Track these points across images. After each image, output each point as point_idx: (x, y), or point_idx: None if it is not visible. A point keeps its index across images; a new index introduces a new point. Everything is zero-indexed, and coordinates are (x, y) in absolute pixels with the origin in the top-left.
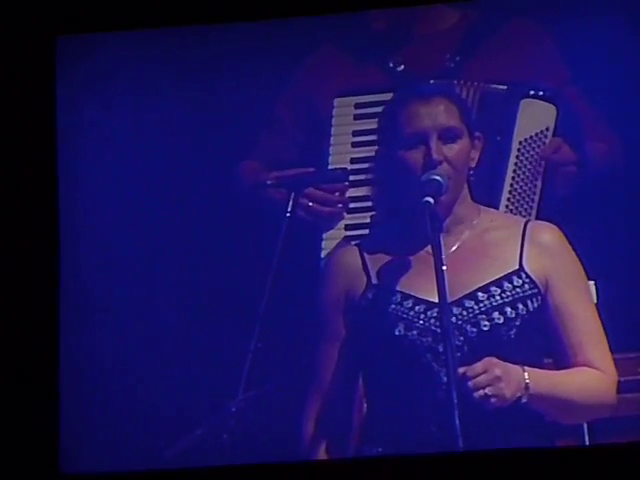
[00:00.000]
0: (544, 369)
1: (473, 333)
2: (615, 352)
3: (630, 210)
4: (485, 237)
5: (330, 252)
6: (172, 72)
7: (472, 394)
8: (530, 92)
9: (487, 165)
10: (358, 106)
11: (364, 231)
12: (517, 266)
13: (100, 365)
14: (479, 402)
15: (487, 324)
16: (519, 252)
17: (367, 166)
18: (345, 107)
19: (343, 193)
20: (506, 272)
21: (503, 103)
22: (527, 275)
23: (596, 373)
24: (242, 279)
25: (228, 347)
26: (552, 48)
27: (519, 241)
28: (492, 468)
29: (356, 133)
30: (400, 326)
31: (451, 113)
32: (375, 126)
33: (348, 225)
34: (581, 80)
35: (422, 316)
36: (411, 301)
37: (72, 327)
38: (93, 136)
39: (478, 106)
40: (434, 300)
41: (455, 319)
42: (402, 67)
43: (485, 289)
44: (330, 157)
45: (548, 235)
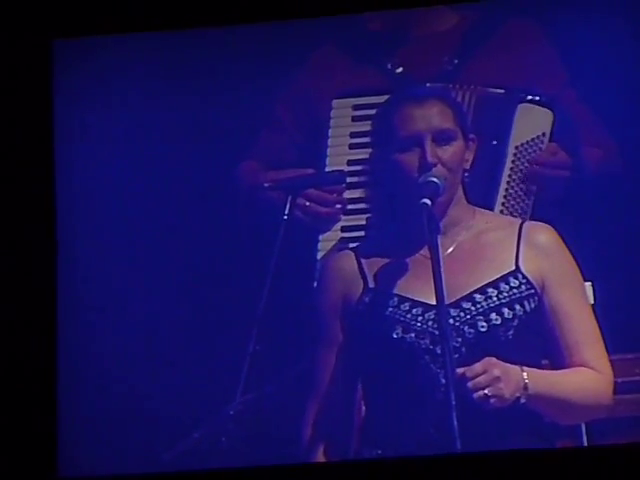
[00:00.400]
0: (541, 369)
1: (471, 334)
2: (612, 353)
3: (626, 212)
4: (481, 239)
5: (326, 254)
6: (170, 75)
7: (471, 395)
8: (527, 97)
9: (483, 169)
10: (356, 108)
11: (360, 233)
12: (513, 267)
13: (98, 368)
14: (478, 403)
15: (485, 325)
16: (515, 253)
17: (364, 168)
18: (343, 109)
19: (340, 195)
20: (502, 273)
21: (500, 107)
22: (523, 276)
23: (593, 373)
24: (240, 282)
25: (226, 350)
26: (550, 51)
27: (515, 242)
28: (490, 469)
29: (354, 135)
30: (398, 329)
31: (445, 115)
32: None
33: (345, 227)
34: (579, 83)
35: (420, 318)
36: (408, 304)
37: (70, 331)
38: (91, 139)
39: (475, 109)
40: (431, 302)
41: (453, 321)
42: (400, 69)
43: (482, 290)
44: (327, 159)
45: (543, 236)
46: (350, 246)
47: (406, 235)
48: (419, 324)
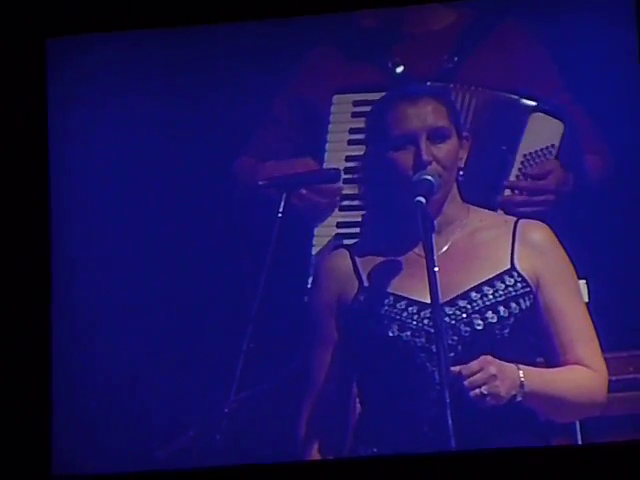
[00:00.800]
0: (536, 367)
1: (467, 332)
2: (606, 351)
3: (621, 211)
4: (475, 237)
5: (321, 251)
6: (165, 73)
7: (466, 393)
8: (541, 106)
9: (489, 172)
10: (356, 104)
11: (356, 229)
12: (509, 265)
13: (92, 367)
14: (474, 401)
15: (481, 323)
16: (510, 251)
17: (361, 165)
18: (343, 104)
19: (335, 192)
20: (498, 272)
21: (513, 113)
22: (519, 274)
23: (587, 371)
24: (234, 280)
25: (220, 348)
26: (546, 52)
27: (510, 240)
28: (485, 467)
29: (353, 131)
30: (394, 327)
31: (439, 113)
32: None
33: (340, 223)
34: (573, 85)
35: (415, 317)
36: (404, 302)
37: (64, 329)
38: (85, 137)
39: (487, 112)
40: (427, 301)
41: (449, 319)
42: (401, 68)
43: (478, 289)
44: (326, 154)
45: (538, 234)
46: (345, 243)
47: (401, 233)
48: (415, 322)
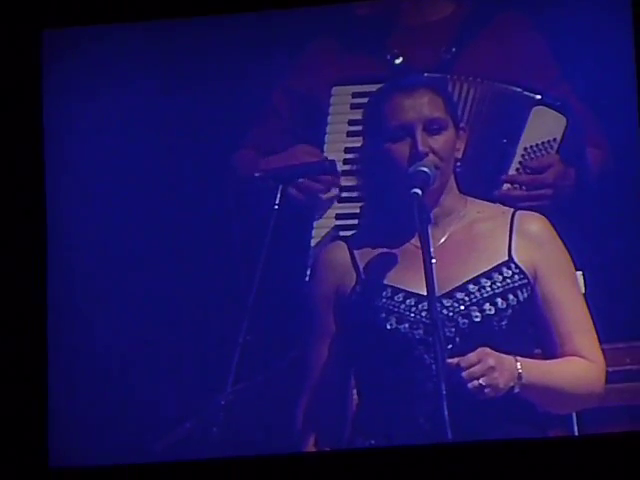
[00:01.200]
0: (534, 359)
1: (465, 324)
2: (603, 342)
3: (618, 203)
4: (473, 229)
5: (320, 242)
6: (163, 64)
7: (464, 384)
8: (544, 99)
9: (489, 164)
10: (355, 95)
11: (354, 221)
12: (506, 257)
13: (89, 359)
14: (472, 392)
15: (478, 315)
16: (508, 243)
17: (360, 156)
18: (342, 96)
19: (332, 184)
20: (496, 263)
21: (515, 106)
22: (516, 266)
23: (585, 363)
24: (231, 272)
25: (217, 340)
26: (544, 42)
27: (507, 232)
28: (481, 459)
29: (352, 122)
30: (392, 319)
31: (435, 104)
32: None
33: (339, 214)
34: (572, 75)
35: (413, 309)
36: (402, 295)
37: (60, 321)
38: (81, 130)
39: (489, 104)
40: (425, 293)
41: (446, 311)
42: (400, 59)
43: (475, 281)
44: (325, 145)
45: (536, 225)
46: (343, 234)
47: (398, 225)
48: (413, 314)
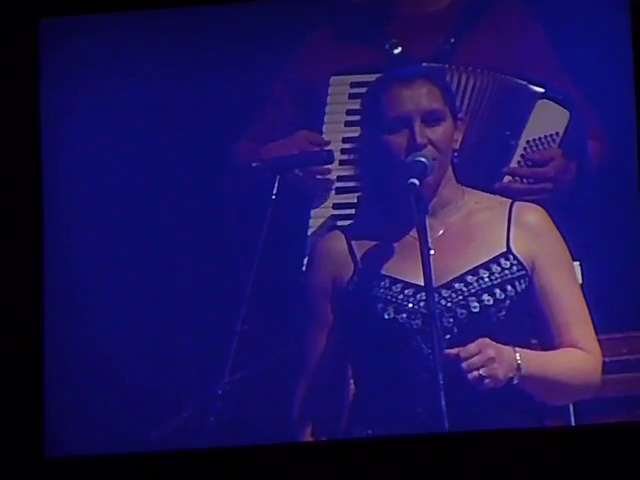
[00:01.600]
0: (532, 350)
1: (463, 315)
2: (600, 333)
3: (616, 195)
4: (471, 220)
5: (316, 232)
6: (161, 54)
7: (462, 375)
8: (548, 93)
9: (491, 155)
10: (354, 85)
11: (351, 211)
12: (504, 248)
13: (85, 348)
14: (471, 383)
15: (477, 306)
16: (506, 234)
17: (357, 146)
18: (341, 85)
19: (329, 173)
20: (494, 255)
21: (519, 98)
22: (514, 257)
23: (582, 354)
24: (228, 262)
25: (214, 330)
26: (542, 32)
27: (505, 223)
28: (478, 449)
29: (350, 112)
30: (389, 309)
31: (433, 95)
32: None
33: (336, 204)
34: (570, 66)
35: (411, 299)
36: (400, 285)
37: (57, 311)
38: (77, 119)
39: (492, 96)
40: (422, 284)
41: (445, 301)
42: (398, 49)
43: (474, 272)
44: (323, 135)
45: (534, 216)
46: (340, 224)
47: (396, 217)
48: (411, 305)
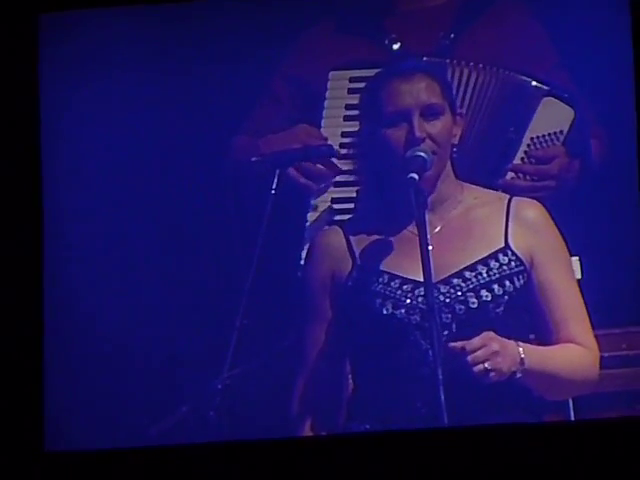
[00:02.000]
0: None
1: (461, 310)
2: (600, 328)
3: (616, 190)
4: (469, 215)
5: (315, 227)
6: (160, 48)
7: (464, 369)
8: (553, 91)
9: (494, 151)
10: (353, 80)
11: (350, 205)
12: (503, 244)
13: (85, 342)
14: (476, 376)
15: (475, 301)
16: (504, 230)
17: (356, 141)
18: (339, 80)
19: (329, 168)
20: (492, 250)
21: (524, 95)
22: (513, 252)
23: (581, 349)
24: (228, 256)
25: (214, 324)
26: (541, 28)
27: (504, 218)
28: (478, 443)
29: (349, 107)
30: (388, 305)
31: (432, 90)
32: None
33: (335, 198)
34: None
35: (410, 295)
36: (398, 281)
37: (57, 305)
38: (77, 113)
39: (498, 93)
40: (421, 279)
41: (443, 297)
42: (397, 44)
43: (472, 267)
44: (322, 130)
45: (532, 212)
46: (339, 218)
47: (395, 211)
48: (409, 300)
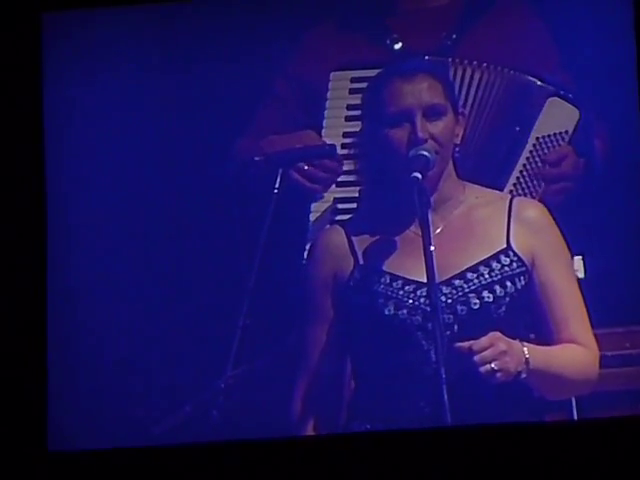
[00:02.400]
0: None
1: (463, 311)
2: (604, 326)
3: (618, 189)
4: (471, 215)
5: (318, 226)
6: (163, 49)
7: (469, 368)
8: (560, 92)
9: (499, 151)
10: (354, 80)
11: (353, 205)
12: (504, 245)
13: (88, 342)
14: (483, 376)
15: (477, 302)
16: (506, 230)
17: (358, 141)
18: (341, 81)
19: (331, 168)
20: (494, 251)
21: (530, 96)
22: (514, 253)
23: (582, 349)
24: (231, 256)
25: (217, 324)
26: (544, 28)
27: (505, 219)
28: (480, 443)
29: (350, 107)
30: (390, 305)
31: (435, 90)
32: None
33: (337, 198)
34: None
35: (412, 295)
36: (400, 281)
37: (60, 304)
38: (81, 114)
39: (503, 92)
40: (423, 280)
41: (445, 298)
42: (399, 44)
43: (474, 269)
44: (323, 130)
45: (533, 212)
46: (342, 218)
47: (397, 211)
48: (411, 301)
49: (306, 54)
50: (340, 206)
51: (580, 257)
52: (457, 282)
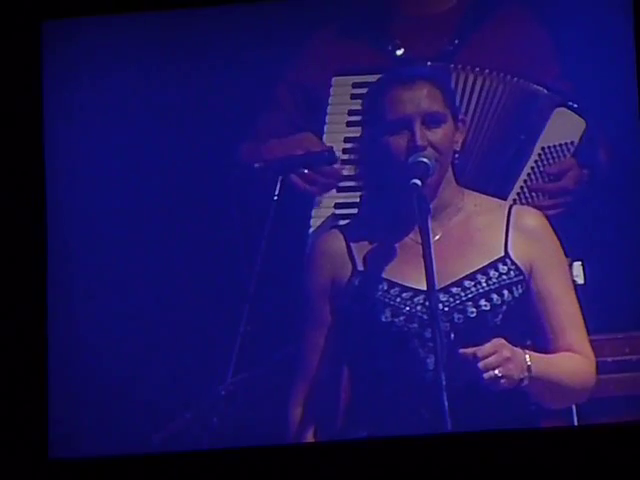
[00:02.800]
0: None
1: (460, 319)
2: (603, 332)
3: (617, 196)
4: (470, 223)
5: (318, 231)
6: (163, 55)
7: (466, 376)
8: (567, 102)
9: (504, 159)
10: (356, 85)
11: (353, 210)
12: (502, 253)
13: (89, 349)
14: (487, 383)
15: (474, 311)
16: (504, 238)
17: (359, 146)
18: (343, 86)
19: (332, 174)
20: (492, 259)
21: (537, 104)
22: (512, 262)
23: (580, 357)
24: (231, 262)
25: (217, 330)
26: (545, 36)
27: (504, 226)
28: (481, 449)
29: (352, 112)
30: (387, 312)
31: (434, 98)
32: None
33: (338, 204)
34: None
35: (409, 303)
36: (398, 288)
37: (60, 312)
38: (80, 122)
39: (511, 100)
40: (421, 288)
41: (442, 306)
42: (401, 50)
43: (471, 277)
44: (325, 135)
45: (532, 220)
46: (342, 224)
47: (396, 218)
48: (408, 308)
49: (308, 59)
50: (341, 212)
51: (580, 263)
52: (454, 290)
